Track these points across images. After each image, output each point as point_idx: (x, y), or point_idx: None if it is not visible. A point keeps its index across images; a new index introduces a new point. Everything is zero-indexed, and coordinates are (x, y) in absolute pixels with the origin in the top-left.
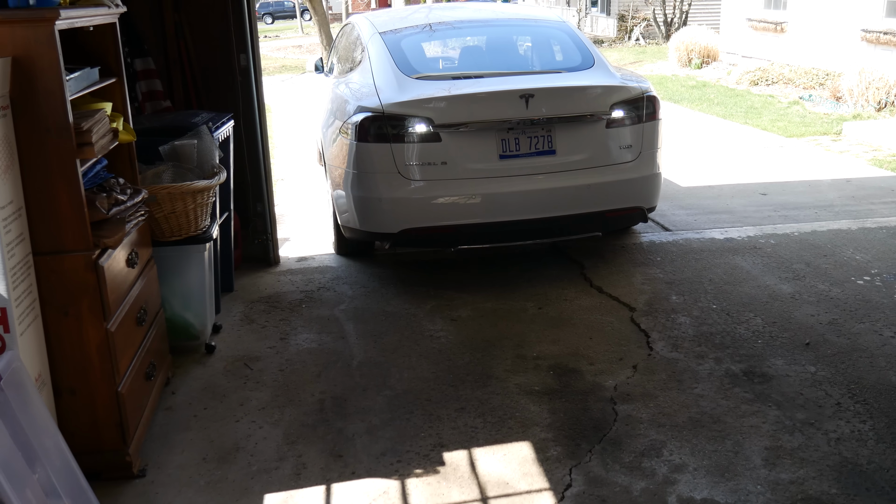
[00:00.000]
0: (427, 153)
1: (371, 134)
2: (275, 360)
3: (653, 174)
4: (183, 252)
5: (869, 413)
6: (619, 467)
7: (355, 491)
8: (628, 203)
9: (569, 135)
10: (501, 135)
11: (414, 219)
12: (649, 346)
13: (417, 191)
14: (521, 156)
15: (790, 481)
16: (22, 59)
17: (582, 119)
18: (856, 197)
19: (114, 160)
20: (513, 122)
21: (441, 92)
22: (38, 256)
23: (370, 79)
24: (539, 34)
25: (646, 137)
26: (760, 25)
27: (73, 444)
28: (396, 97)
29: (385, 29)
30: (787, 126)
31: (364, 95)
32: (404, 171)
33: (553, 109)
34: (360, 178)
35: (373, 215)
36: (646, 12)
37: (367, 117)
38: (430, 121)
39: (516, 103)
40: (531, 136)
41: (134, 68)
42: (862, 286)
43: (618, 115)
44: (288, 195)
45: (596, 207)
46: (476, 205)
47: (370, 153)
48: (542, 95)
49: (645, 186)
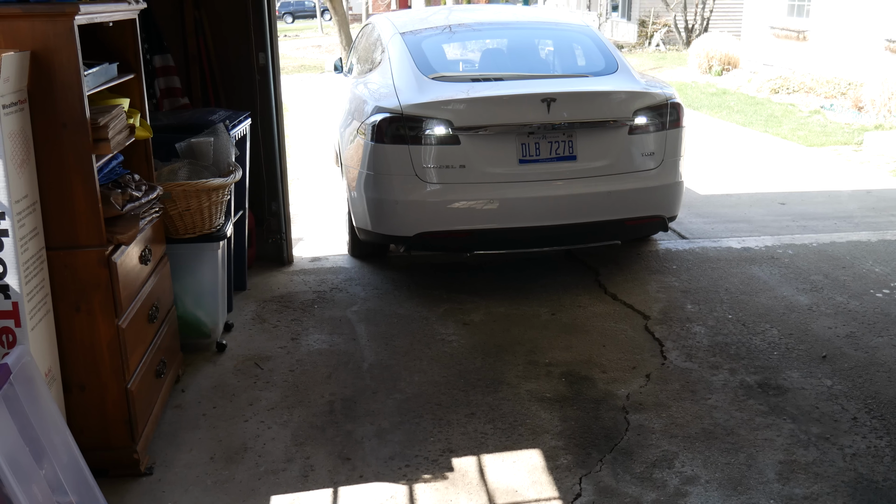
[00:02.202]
0: (445, 156)
1: (389, 135)
2: (285, 360)
3: (675, 182)
4: (196, 250)
5: (886, 429)
6: (630, 478)
7: (362, 495)
8: (649, 211)
9: (590, 140)
10: (521, 139)
11: (430, 222)
12: (663, 355)
13: (434, 194)
14: (542, 161)
15: (804, 497)
16: (40, 53)
17: (604, 125)
18: (876, 208)
19: (130, 156)
20: (534, 126)
21: (461, 94)
22: (52, 251)
23: (389, 79)
24: (562, 38)
25: (669, 145)
26: (782, 33)
27: (81, 440)
28: (415, 98)
29: (406, 29)
30: (807, 135)
31: (383, 96)
32: (422, 173)
33: (575, 114)
34: (377, 179)
35: (389, 218)
36: (667, 18)
37: (385, 118)
38: (450, 123)
39: (538, 107)
40: (552, 141)
41: (153, 65)
42: (881, 299)
43: (641, 122)
44: (303, 195)
45: (616, 215)
46: (494, 210)
47: (387, 154)
48: (565, 100)
49: (666, 195)
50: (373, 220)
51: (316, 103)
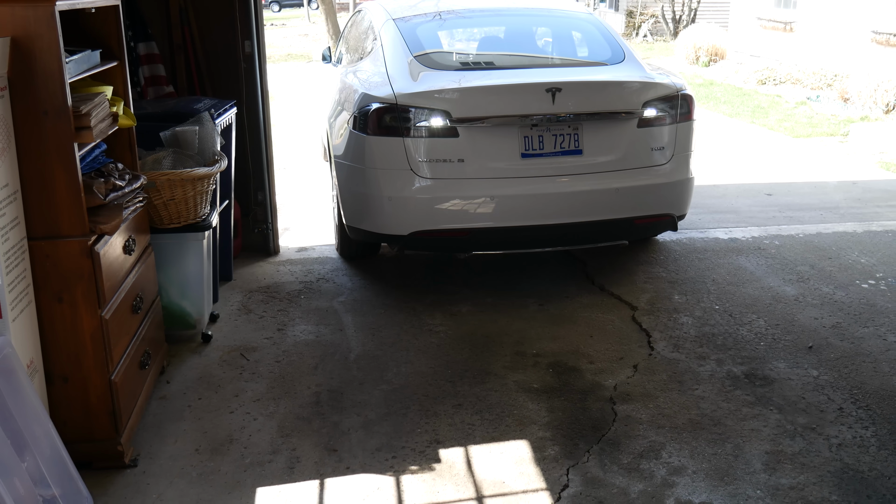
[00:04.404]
0: (443, 149)
1: (382, 126)
2: (271, 351)
3: (686, 178)
4: (182, 240)
5: (871, 419)
6: (617, 468)
7: (349, 486)
8: (659, 210)
9: (597, 133)
10: (524, 131)
11: (426, 220)
12: (650, 345)
13: (431, 190)
14: (545, 155)
15: (790, 487)
16: (21, 39)
17: (612, 117)
18: (862, 199)
19: (113, 145)
20: (537, 117)
21: (460, 82)
22: (33, 241)
23: (382, 67)
24: (565, 25)
25: (679, 139)
26: (769, 24)
27: (64, 432)
28: (411, 87)
29: (400, 15)
30: (793, 126)
31: (375, 85)
32: (417, 168)
33: (582, 105)
34: (369, 174)
35: (381, 215)
36: (654, 9)
37: (378, 108)
38: (447, 114)
39: (542, 97)
40: (556, 134)
41: (137, 52)
42: (866, 290)
43: (651, 114)
44: (289, 185)
45: (624, 213)
46: (494, 207)
47: (380, 148)
48: (571, 90)
49: (677, 192)
50: (364, 218)
51: (303, 92)
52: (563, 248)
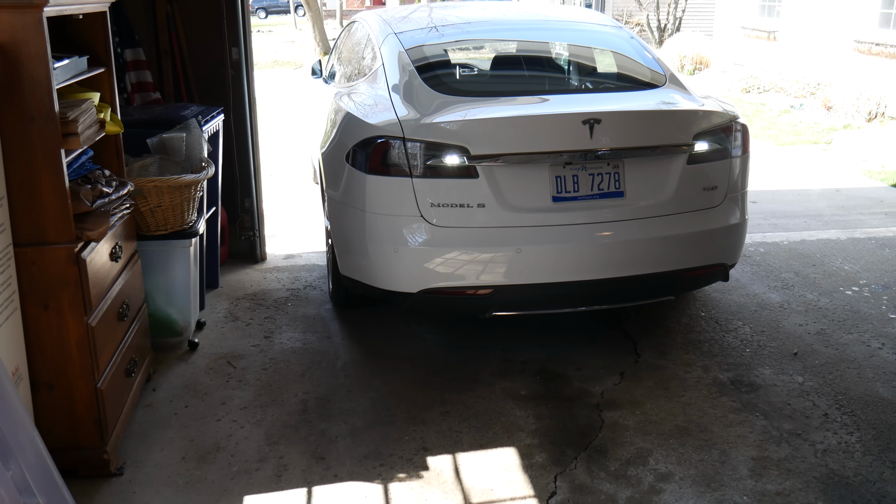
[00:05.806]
0: (459, 192)
1: (386, 164)
2: (258, 358)
3: (740, 222)
4: (168, 247)
5: (856, 424)
6: (605, 475)
7: (337, 494)
8: (710, 259)
9: (642, 172)
10: (556, 170)
11: (439, 276)
12: (637, 352)
13: (445, 241)
14: (581, 198)
15: (776, 492)
16: (8, 45)
17: (660, 151)
18: (845, 207)
19: (100, 151)
20: (572, 154)
21: (479, 113)
22: (19, 248)
23: (385, 91)
24: (594, 41)
25: (734, 176)
26: (753, 33)
27: (49, 440)
28: (421, 118)
29: (403, 28)
30: (777, 134)
31: (376, 112)
32: (428, 214)
33: (624, 139)
34: (370, 220)
35: (384, 269)
36: (639, 17)
37: (381, 142)
38: (465, 150)
39: (578, 130)
40: (594, 173)
41: (124, 59)
42: (850, 297)
43: (703, 148)
44: (276, 192)
45: (672, 266)
46: (520, 261)
47: (384, 189)
48: (612, 121)
49: (731, 238)
50: (363, 270)
51: (290, 99)
52: (600, 307)
